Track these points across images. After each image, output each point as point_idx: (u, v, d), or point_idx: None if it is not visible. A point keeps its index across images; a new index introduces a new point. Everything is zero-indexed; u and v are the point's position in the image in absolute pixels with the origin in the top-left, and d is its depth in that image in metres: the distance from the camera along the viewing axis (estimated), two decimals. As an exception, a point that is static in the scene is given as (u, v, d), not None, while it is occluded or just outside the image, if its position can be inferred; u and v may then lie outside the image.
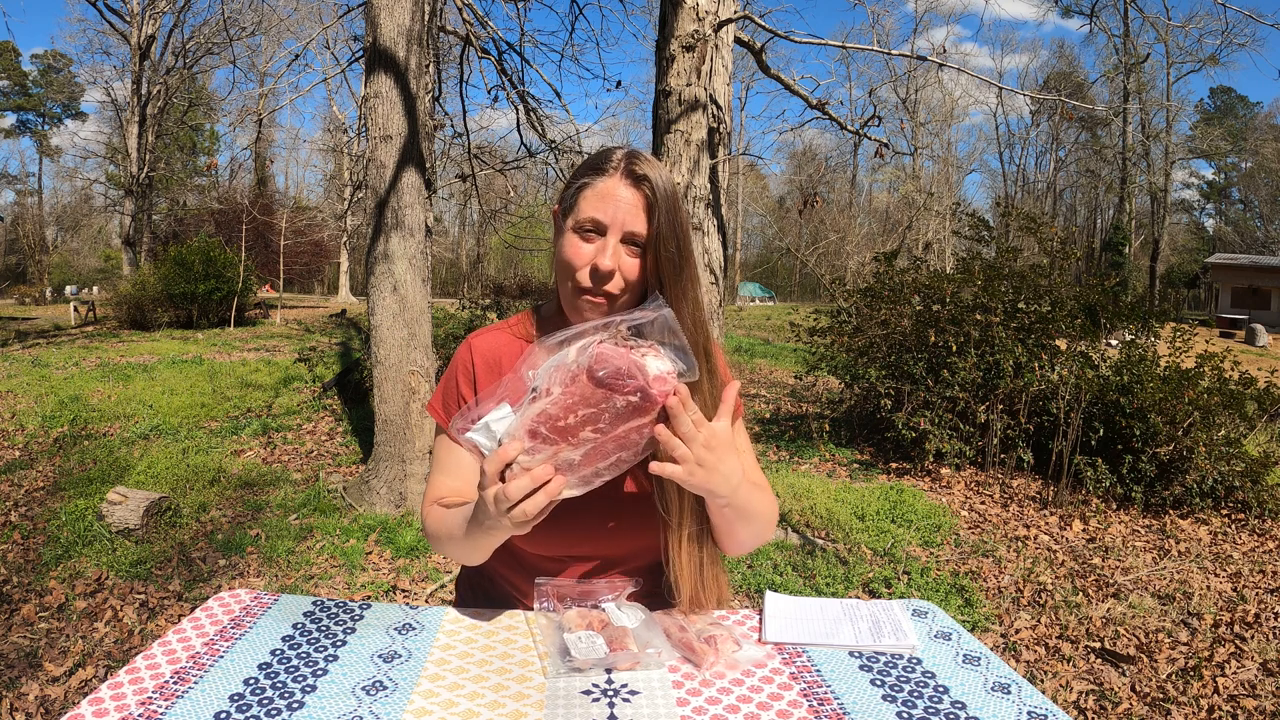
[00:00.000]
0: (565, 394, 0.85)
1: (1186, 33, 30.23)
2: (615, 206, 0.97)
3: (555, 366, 0.87)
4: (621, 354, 0.85)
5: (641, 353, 0.87)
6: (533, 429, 0.85)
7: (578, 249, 0.99)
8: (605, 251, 0.97)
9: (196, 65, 24.82)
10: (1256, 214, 41.04)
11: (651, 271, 0.99)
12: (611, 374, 0.84)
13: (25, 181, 41.53)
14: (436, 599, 3.40)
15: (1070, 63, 41.32)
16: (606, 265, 0.97)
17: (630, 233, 0.98)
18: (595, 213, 0.98)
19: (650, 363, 0.86)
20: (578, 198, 1.00)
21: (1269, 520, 4.51)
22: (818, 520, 4.30)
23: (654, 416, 0.87)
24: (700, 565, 1.03)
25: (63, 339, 11.32)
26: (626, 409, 0.86)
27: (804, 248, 34.04)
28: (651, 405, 0.86)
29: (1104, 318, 5.55)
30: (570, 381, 0.85)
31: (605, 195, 0.98)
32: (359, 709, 0.82)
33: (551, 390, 0.85)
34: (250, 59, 28.29)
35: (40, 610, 3.10)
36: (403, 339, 4.52)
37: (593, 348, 0.86)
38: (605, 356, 0.85)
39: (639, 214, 0.98)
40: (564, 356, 0.87)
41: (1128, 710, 2.53)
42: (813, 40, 4.70)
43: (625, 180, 0.98)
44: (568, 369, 0.86)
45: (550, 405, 0.85)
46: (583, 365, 0.85)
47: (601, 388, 0.85)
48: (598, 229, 0.98)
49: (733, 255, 33.55)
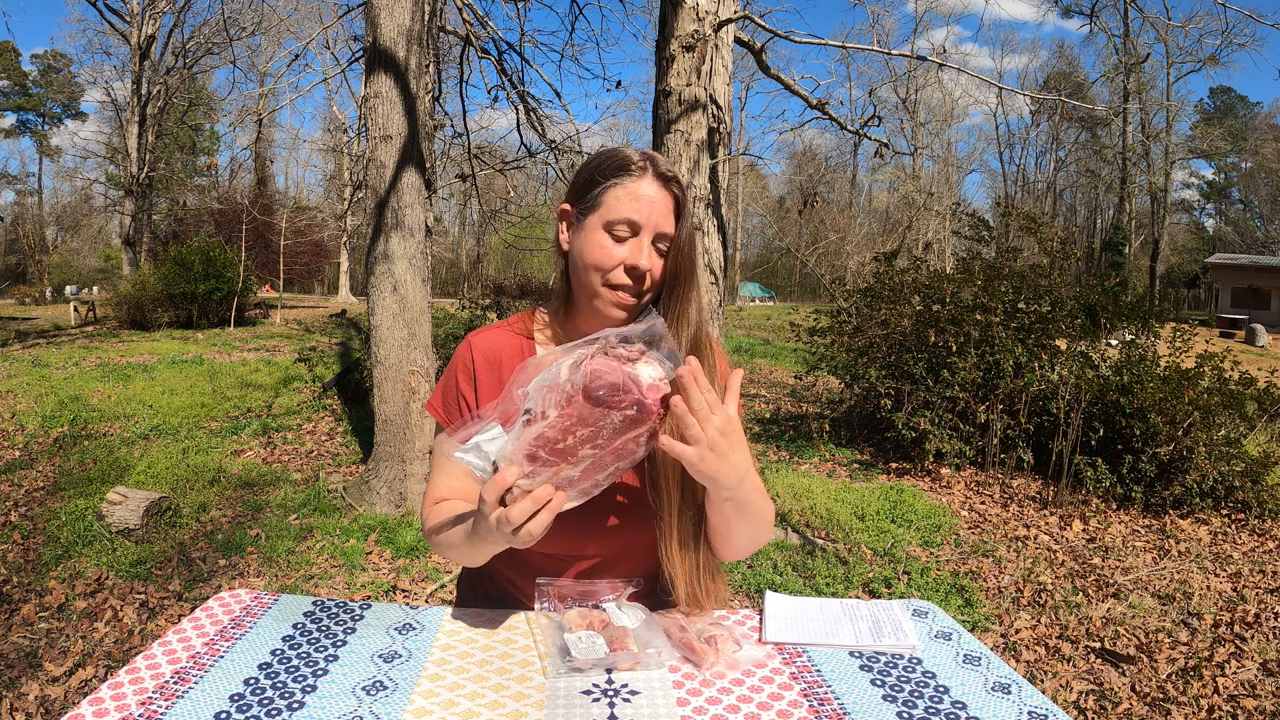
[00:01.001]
0: (562, 416, 0.84)
1: (1186, 33, 30.25)
2: (650, 207, 0.99)
3: (548, 386, 0.85)
4: (615, 368, 0.84)
5: (632, 361, 0.86)
6: (531, 453, 0.84)
7: (608, 249, 1.00)
8: (642, 251, 0.98)
9: (196, 65, 24.82)
10: (1256, 214, 41.04)
11: (673, 272, 1.01)
12: (608, 391, 0.83)
13: (25, 181, 41.56)
14: (436, 599, 3.40)
15: (1070, 63, 41.34)
16: (645, 264, 0.98)
17: (661, 233, 0.99)
18: (630, 213, 0.99)
19: (642, 371, 0.85)
20: (604, 197, 1.01)
21: (1269, 520, 4.51)
22: (818, 520, 4.30)
23: (650, 425, 0.86)
24: (697, 566, 1.03)
25: (63, 339, 11.32)
26: (623, 423, 0.85)
27: (804, 248, 34.04)
28: (647, 415, 0.85)
29: (1104, 318, 5.55)
30: (566, 403, 0.83)
31: (638, 196, 0.99)
32: (359, 709, 0.82)
33: (547, 413, 0.84)
34: (250, 59, 28.29)
35: (40, 610, 3.10)
36: (403, 339, 4.52)
37: (585, 365, 0.84)
38: (600, 373, 0.83)
39: (669, 215, 1.00)
40: (555, 375, 0.85)
41: (1128, 710, 2.53)
42: (813, 40, 4.70)
43: (656, 181, 1.00)
44: (562, 389, 0.84)
45: (547, 429, 0.84)
46: (577, 385, 0.83)
47: (599, 406, 0.83)
48: (632, 229, 0.99)
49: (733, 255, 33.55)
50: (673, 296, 1.03)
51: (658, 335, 0.88)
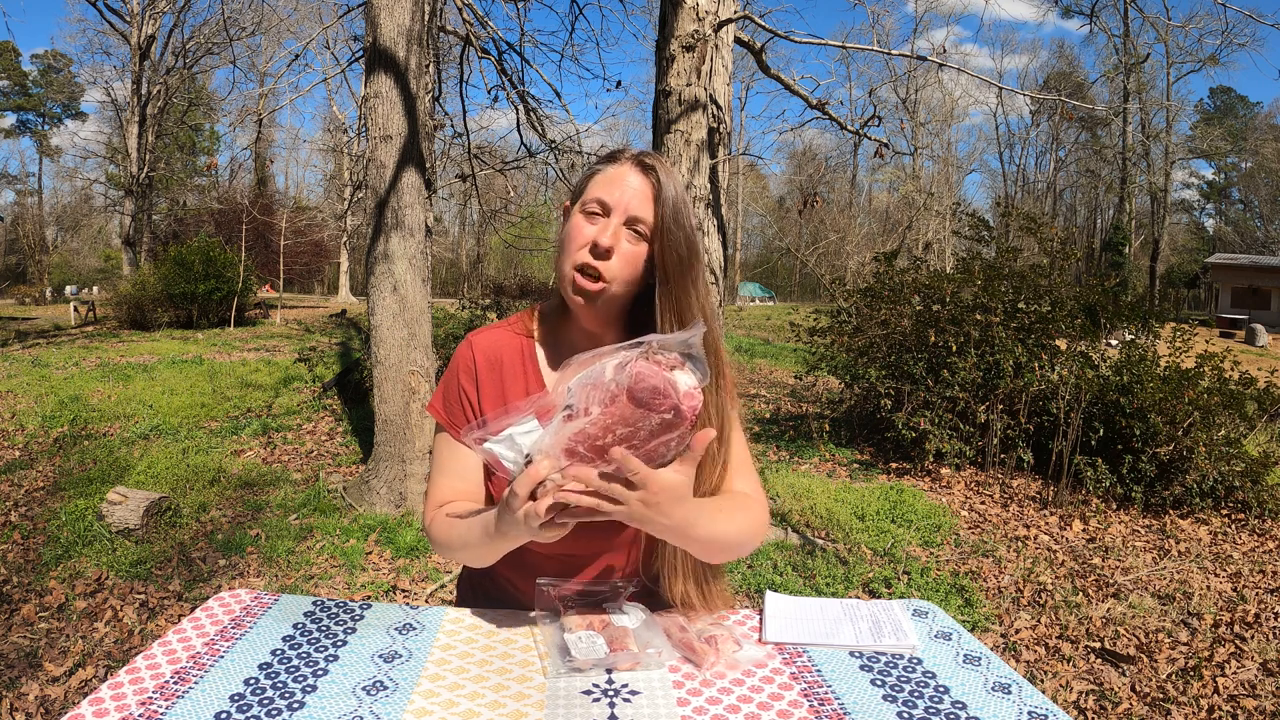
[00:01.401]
0: (605, 414, 0.85)
1: (1186, 33, 30.25)
2: (622, 189, 1.01)
3: (591, 385, 0.86)
4: (657, 372, 0.85)
5: (671, 368, 0.87)
6: (570, 448, 0.85)
7: (580, 227, 1.02)
8: (607, 229, 1.00)
9: (196, 65, 24.82)
10: (1256, 214, 41.04)
11: (659, 264, 1.01)
12: (650, 393, 0.85)
13: (25, 181, 41.54)
14: (436, 599, 3.40)
15: (1070, 63, 41.32)
16: (606, 240, 0.99)
17: (634, 217, 1.01)
18: (601, 193, 1.01)
19: (680, 378, 0.86)
20: (587, 183, 1.05)
21: (1269, 520, 4.51)
22: (818, 520, 4.30)
23: (681, 431, 0.87)
24: (696, 569, 1.03)
25: (63, 339, 11.32)
26: (659, 426, 0.86)
27: (804, 248, 34.04)
28: (681, 421, 0.86)
29: (1104, 318, 5.55)
30: (610, 401, 0.85)
31: (613, 179, 1.02)
32: (359, 709, 0.82)
33: (590, 410, 0.85)
34: (250, 59, 28.30)
35: (40, 610, 3.10)
36: (403, 339, 4.52)
37: (631, 366, 0.85)
38: (644, 375, 0.84)
39: (645, 201, 1.01)
40: (599, 374, 0.86)
41: (1128, 710, 2.53)
42: (813, 40, 4.70)
43: (634, 168, 1.03)
44: (606, 388, 0.85)
45: (589, 425, 0.85)
46: (623, 385, 0.85)
47: (640, 407, 0.85)
48: (603, 209, 1.01)
49: (733, 255, 33.54)
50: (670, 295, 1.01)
51: (694, 347, 0.89)
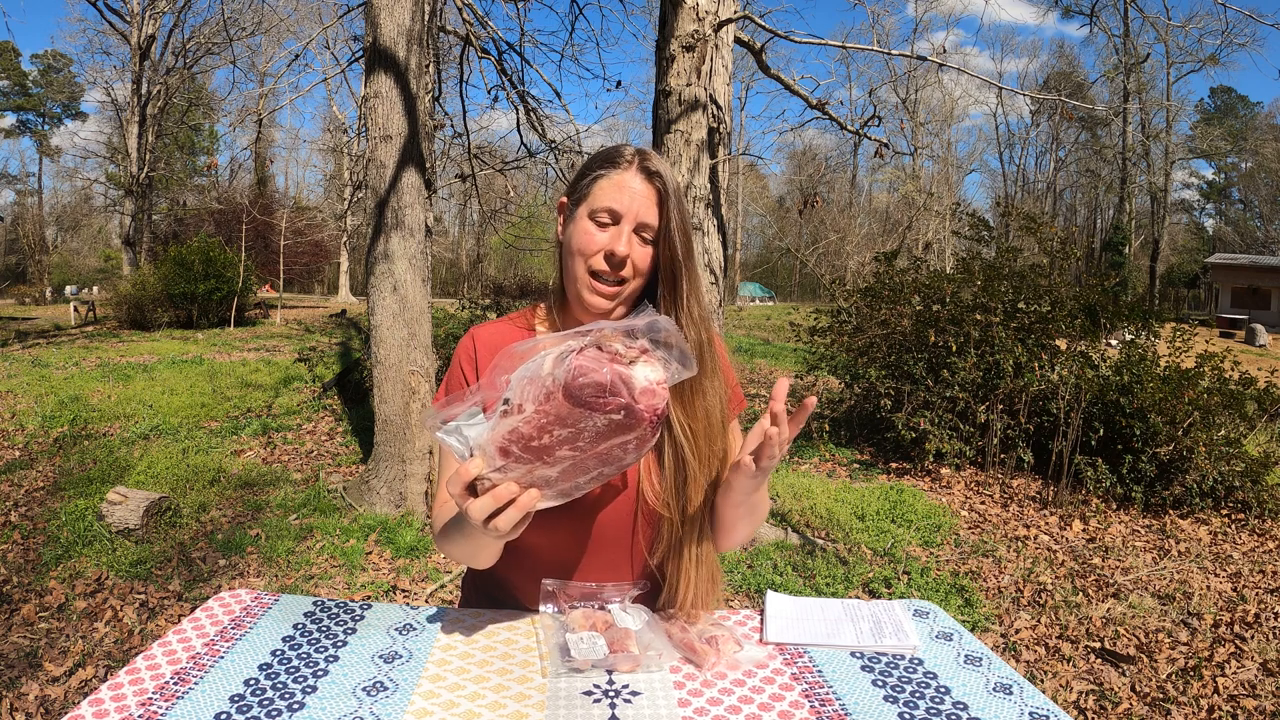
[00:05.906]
0: (538, 412, 0.76)
1: (1186, 33, 30.24)
2: (630, 197, 1.02)
3: (529, 378, 0.78)
4: (602, 366, 0.76)
5: (629, 360, 0.78)
6: (504, 447, 0.78)
7: (592, 235, 1.03)
8: (620, 237, 1.01)
9: (196, 65, 24.80)
10: (1256, 214, 41.01)
11: (665, 264, 1.03)
12: (592, 390, 0.75)
13: (25, 181, 41.52)
14: (436, 599, 3.40)
15: (1070, 63, 41.31)
16: (622, 250, 1.01)
17: (643, 223, 1.02)
18: (611, 202, 1.02)
19: (639, 372, 0.78)
20: (592, 188, 1.04)
21: (1269, 520, 4.51)
22: (818, 520, 4.30)
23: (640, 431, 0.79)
24: (699, 573, 1.04)
25: (63, 339, 11.32)
26: (608, 427, 0.77)
27: (804, 248, 34.04)
28: (637, 422, 0.77)
29: (1104, 318, 5.55)
30: (544, 399, 0.76)
31: (621, 186, 1.02)
32: (359, 709, 0.82)
33: (524, 407, 0.76)
34: (250, 59, 28.25)
35: (40, 610, 3.10)
36: (403, 339, 4.51)
37: (571, 359, 0.76)
38: (585, 370, 0.75)
39: (651, 206, 1.03)
40: (538, 366, 0.78)
41: (1128, 710, 2.53)
42: (813, 40, 4.70)
43: (640, 174, 1.03)
44: (542, 383, 0.76)
45: (522, 424, 0.77)
46: (558, 380, 0.75)
47: (580, 406, 0.75)
48: (613, 217, 1.02)
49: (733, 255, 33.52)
50: (672, 292, 1.04)
51: (663, 332, 0.81)
